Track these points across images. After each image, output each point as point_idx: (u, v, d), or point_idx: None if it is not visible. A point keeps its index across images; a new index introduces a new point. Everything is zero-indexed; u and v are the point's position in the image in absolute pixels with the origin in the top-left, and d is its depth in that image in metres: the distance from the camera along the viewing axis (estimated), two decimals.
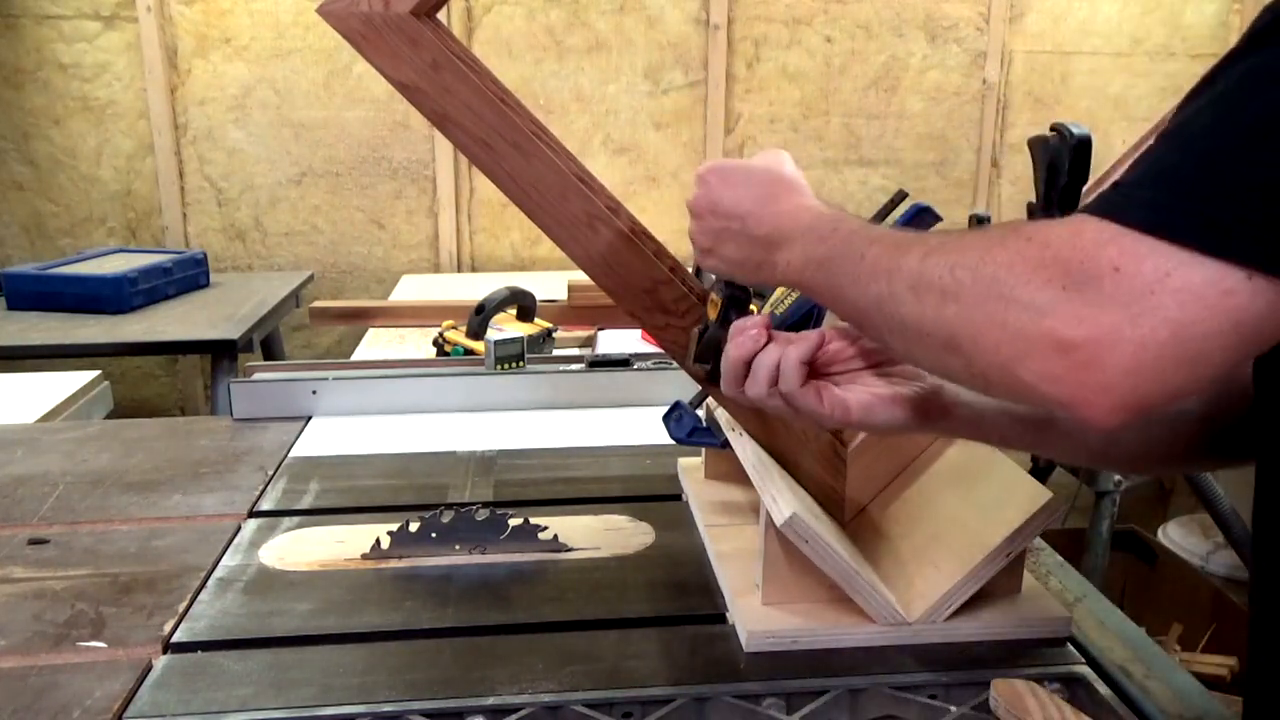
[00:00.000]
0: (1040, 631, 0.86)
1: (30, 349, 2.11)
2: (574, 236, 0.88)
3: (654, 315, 0.91)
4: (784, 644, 0.84)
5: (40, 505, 1.14)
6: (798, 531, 0.80)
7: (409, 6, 0.81)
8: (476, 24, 2.86)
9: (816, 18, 2.97)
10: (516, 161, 0.86)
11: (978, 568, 0.83)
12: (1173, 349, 0.51)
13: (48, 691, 0.79)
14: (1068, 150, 0.86)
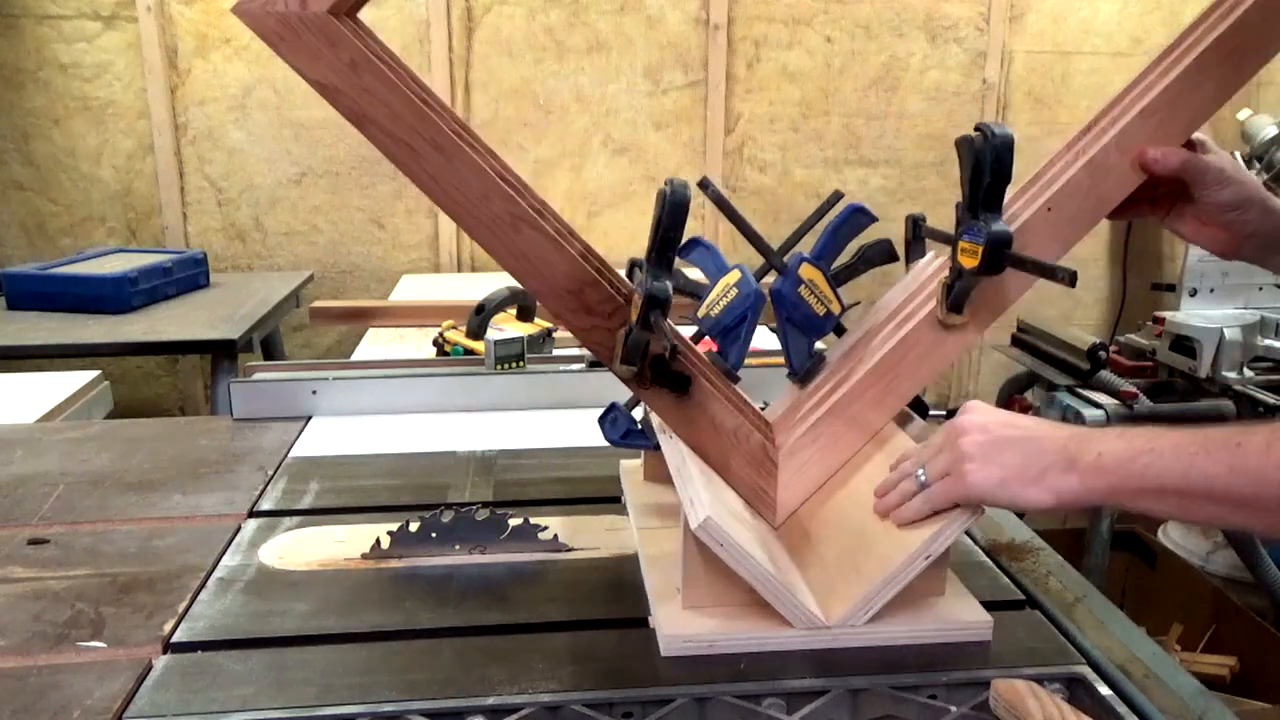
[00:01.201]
0: (961, 635, 0.85)
1: (30, 349, 2.11)
2: (497, 237, 0.88)
3: (579, 316, 0.91)
4: (700, 648, 0.83)
5: (40, 505, 1.14)
6: (712, 535, 0.80)
7: (326, 6, 0.80)
8: (476, 24, 2.86)
9: (816, 18, 2.97)
10: (438, 162, 0.85)
11: (896, 571, 0.82)
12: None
13: (48, 691, 0.79)
14: (990, 150, 0.85)
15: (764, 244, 0.98)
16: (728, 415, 0.94)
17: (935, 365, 0.95)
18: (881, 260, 1.00)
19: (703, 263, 1.02)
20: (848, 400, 0.95)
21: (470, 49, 2.87)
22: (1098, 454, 0.77)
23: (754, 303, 0.94)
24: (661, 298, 0.82)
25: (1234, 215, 0.94)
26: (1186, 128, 0.91)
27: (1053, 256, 0.92)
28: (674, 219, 0.83)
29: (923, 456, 0.86)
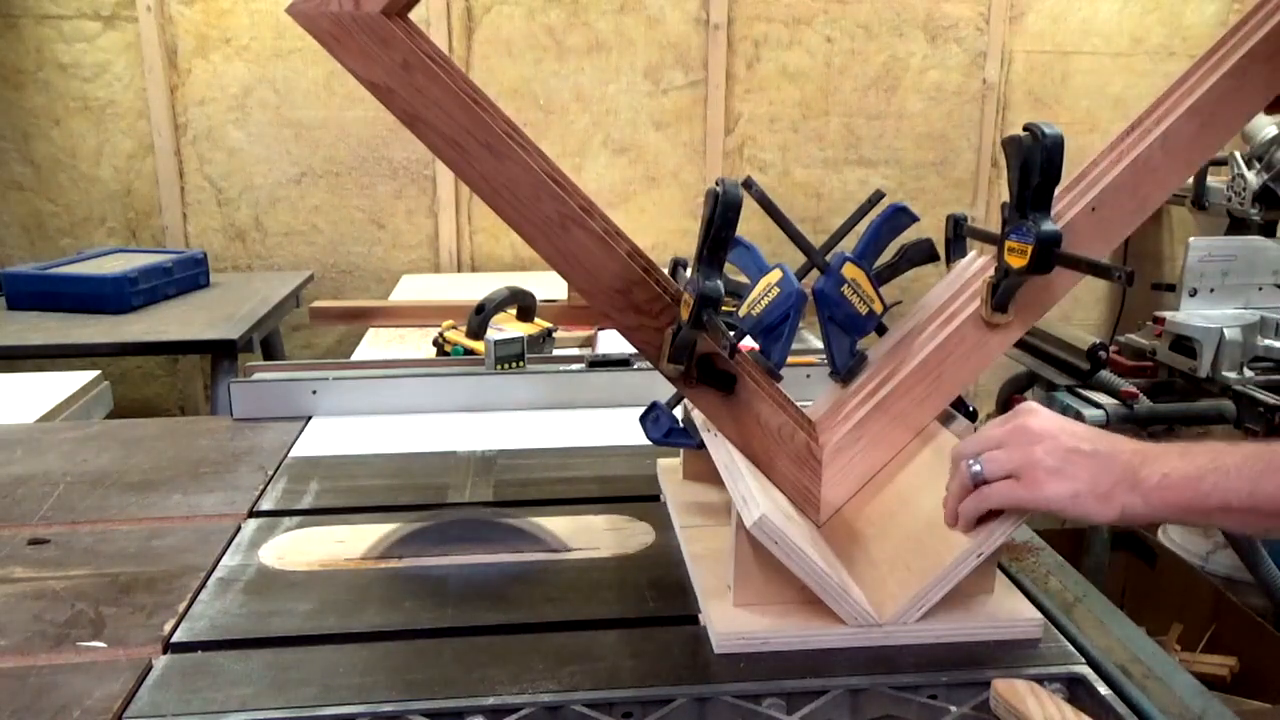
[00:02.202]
0: (1011, 633, 0.86)
1: (30, 349, 2.12)
2: (547, 237, 0.88)
3: (627, 315, 0.91)
4: (754, 645, 0.83)
5: (40, 505, 1.14)
6: (767, 533, 0.80)
7: (379, 6, 0.81)
8: (476, 24, 2.86)
9: (816, 18, 2.97)
10: (489, 162, 0.86)
11: (948, 569, 0.82)
12: None
13: (48, 691, 0.79)
14: (1040, 150, 0.85)
15: (807, 243, 0.98)
16: (772, 414, 0.95)
17: (979, 364, 0.96)
18: (923, 260, 1.01)
19: (743, 262, 1.02)
20: (892, 399, 0.96)
21: (470, 49, 2.87)
22: (1163, 474, 0.78)
23: (796, 302, 0.95)
24: (714, 296, 0.82)
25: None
26: (1231, 127, 0.92)
27: (1097, 254, 0.92)
28: (725, 219, 0.83)
29: (973, 449, 0.84)
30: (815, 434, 0.97)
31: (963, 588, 0.85)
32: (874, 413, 0.96)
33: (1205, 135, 0.91)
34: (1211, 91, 0.91)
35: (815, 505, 0.96)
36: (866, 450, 0.96)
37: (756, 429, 0.95)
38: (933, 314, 0.98)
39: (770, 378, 0.97)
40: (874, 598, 0.85)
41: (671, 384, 0.94)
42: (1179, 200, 3.04)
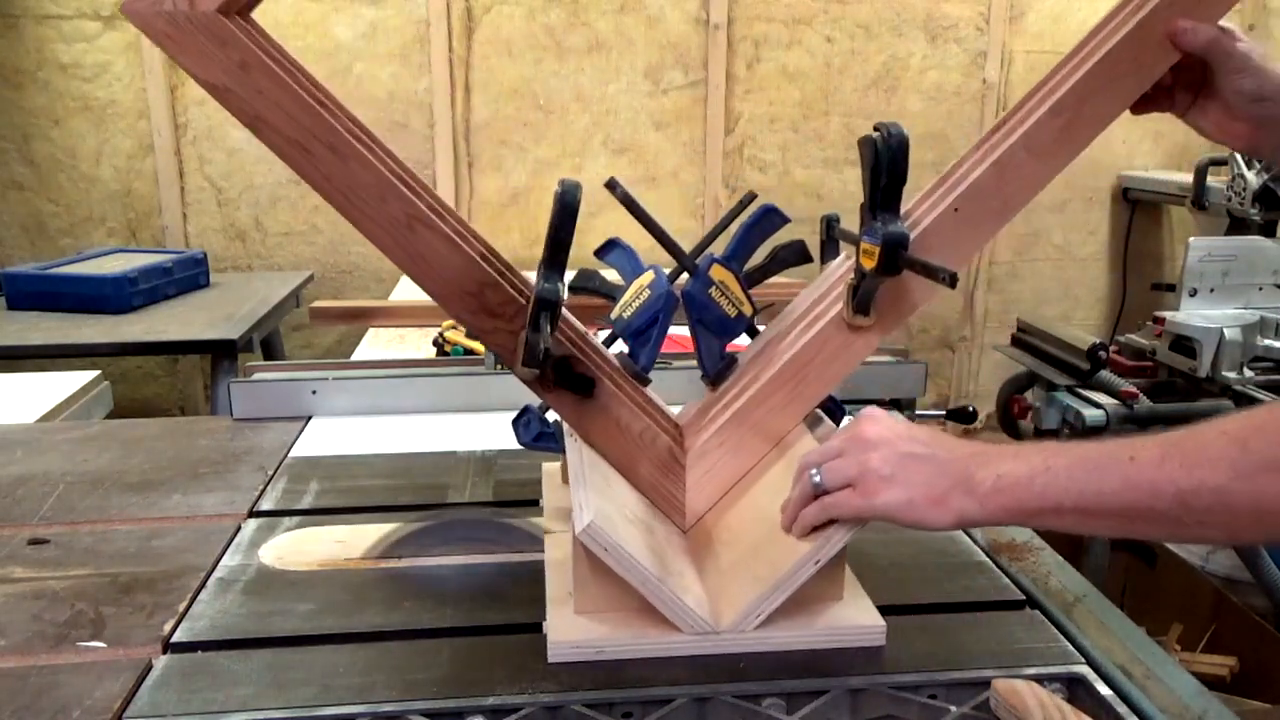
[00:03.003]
0: (852, 640, 0.85)
1: (30, 349, 2.12)
2: (394, 239, 0.86)
3: (481, 318, 0.89)
4: (589, 654, 0.82)
5: (40, 505, 1.14)
6: (596, 540, 0.79)
7: (215, 5, 0.79)
8: (476, 24, 2.86)
9: (816, 18, 2.97)
10: (332, 164, 0.84)
11: (784, 576, 0.82)
12: None
13: (48, 691, 0.79)
14: (887, 151, 0.85)
15: (674, 245, 0.96)
16: (634, 418, 0.93)
17: (843, 367, 0.94)
18: (795, 261, 0.99)
19: (620, 264, 1.00)
20: (755, 402, 0.94)
21: (470, 49, 2.87)
22: (996, 475, 0.76)
23: (665, 304, 0.93)
24: (552, 300, 0.81)
25: (1256, 108, 0.93)
26: (1095, 127, 0.90)
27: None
28: (563, 221, 0.82)
29: (816, 459, 0.84)
30: (681, 438, 0.95)
31: (810, 595, 0.85)
32: (737, 417, 0.94)
33: (1069, 135, 0.89)
34: (1073, 91, 0.89)
35: (680, 511, 0.94)
36: (731, 455, 0.94)
37: (617, 433, 0.93)
38: (798, 317, 0.96)
39: (637, 381, 0.95)
40: (717, 605, 0.84)
41: (529, 388, 0.92)
42: (1179, 200, 3.04)
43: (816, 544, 0.82)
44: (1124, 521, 0.73)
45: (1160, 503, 0.70)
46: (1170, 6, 0.87)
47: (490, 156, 2.94)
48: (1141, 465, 0.71)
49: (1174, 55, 0.89)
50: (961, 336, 3.28)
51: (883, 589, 0.96)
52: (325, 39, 2.79)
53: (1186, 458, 0.69)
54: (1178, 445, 0.71)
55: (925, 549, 1.03)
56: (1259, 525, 0.68)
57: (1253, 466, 0.66)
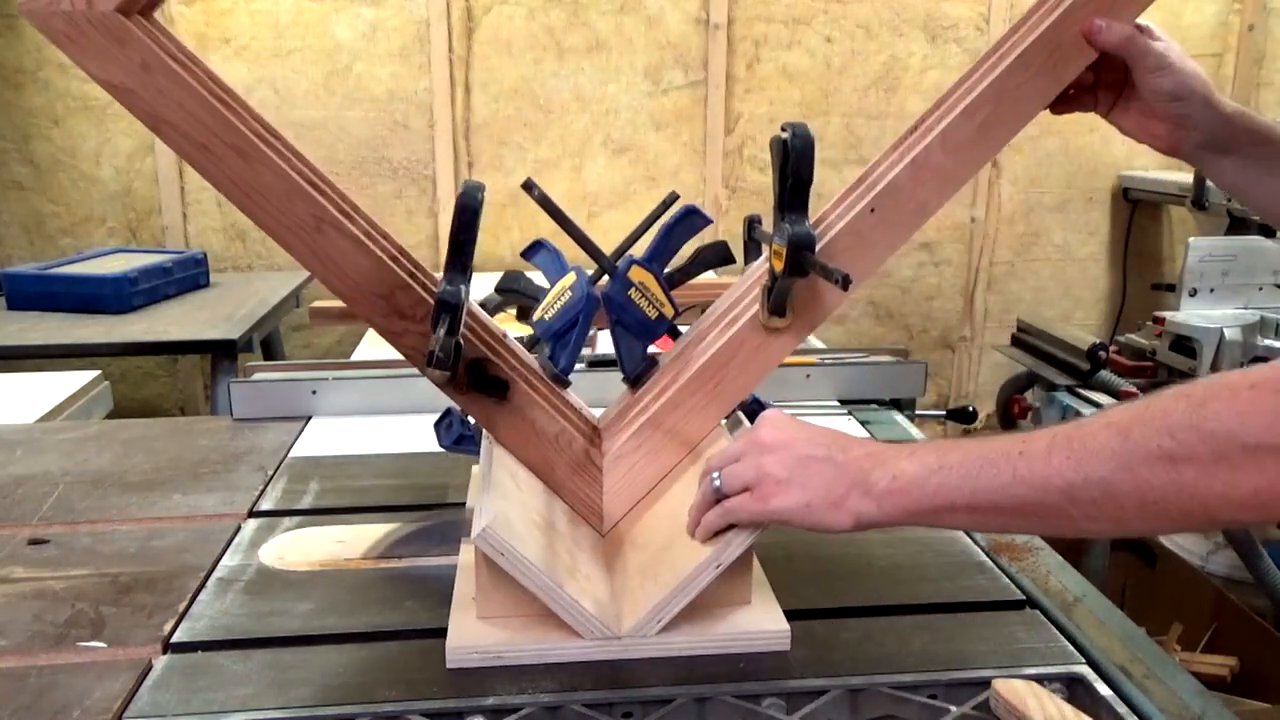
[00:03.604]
0: (756, 645, 0.84)
1: (30, 349, 2.12)
2: (301, 240, 0.85)
3: (391, 320, 0.88)
4: (488, 659, 0.82)
5: (40, 505, 1.14)
6: (491, 545, 0.78)
7: (114, 5, 0.78)
8: (476, 24, 2.86)
9: (816, 18, 2.97)
10: (237, 165, 0.83)
11: (685, 581, 0.81)
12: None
13: (48, 691, 0.79)
14: (791, 152, 0.84)
15: (593, 246, 0.96)
16: (549, 421, 0.92)
17: (760, 369, 0.93)
18: (718, 262, 0.98)
19: (546, 265, 1.00)
20: (672, 405, 0.93)
21: (470, 49, 2.87)
22: (892, 476, 0.76)
23: (585, 306, 0.92)
24: (452, 302, 0.80)
25: (1175, 107, 0.92)
26: (1011, 127, 0.89)
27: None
28: (463, 223, 0.81)
29: (717, 463, 0.84)
30: (599, 441, 0.94)
31: (717, 599, 0.85)
32: (654, 419, 0.93)
33: (985, 135, 0.89)
34: (988, 91, 0.88)
35: (598, 514, 0.94)
36: (648, 459, 0.94)
37: (533, 436, 0.92)
38: (717, 318, 0.96)
39: (556, 383, 0.95)
40: (623, 610, 0.84)
41: (442, 391, 0.91)
42: (1179, 200, 3.04)
43: (717, 548, 0.81)
44: (1017, 517, 0.72)
45: (1049, 497, 0.69)
46: (1086, 5, 0.86)
47: (490, 156, 2.94)
48: (1030, 460, 0.70)
49: (1090, 54, 0.88)
50: (961, 336, 3.28)
51: (883, 589, 0.96)
52: (325, 39, 2.79)
53: (1073, 450, 0.69)
54: (1065, 438, 0.70)
55: (925, 549, 1.03)
56: (1144, 516, 0.67)
57: (1135, 457, 0.66)
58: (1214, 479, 0.63)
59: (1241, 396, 0.63)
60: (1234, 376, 0.65)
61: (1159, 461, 0.65)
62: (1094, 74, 0.94)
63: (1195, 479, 0.64)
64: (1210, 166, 0.99)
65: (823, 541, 1.03)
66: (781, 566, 0.99)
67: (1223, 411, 0.63)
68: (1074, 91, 0.95)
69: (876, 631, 0.88)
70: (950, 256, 3.17)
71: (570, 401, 0.96)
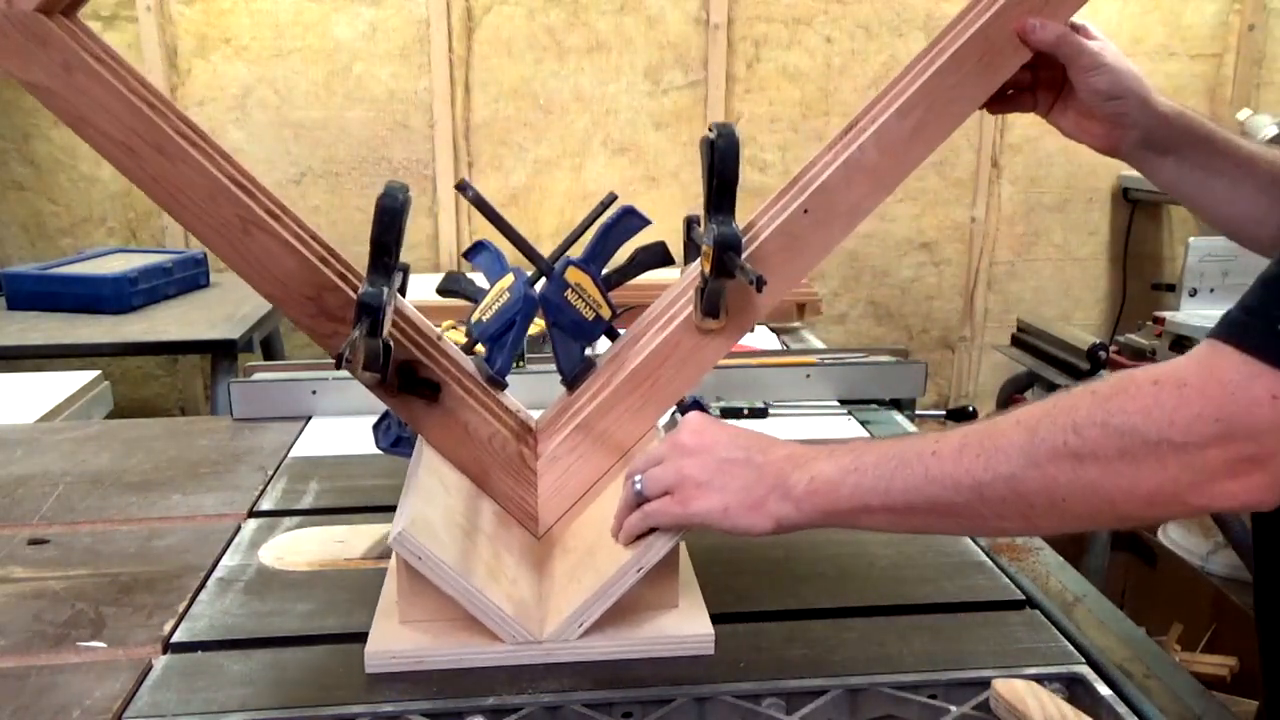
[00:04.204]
0: (679, 650, 0.83)
1: (30, 349, 2.11)
2: (227, 241, 0.85)
3: (320, 322, 0.87)
4: (407, 664, 0.81)
5: (40, 505, 1.14)
6: (408, 549, 0.78)
7: (34, 4, 0.78)
8: (476, 24, 2.86)
9: (816, 18, 2.97)
10: (161, 165, 0.83)
11: (606, 585, 0.81)
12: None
13: (47, 691, 0.79)
14: (716, 153, 0.83)
15: (529, 247, 0.96)
16: (482, 423, 0.92)
17: (695, 371, 0.92)
18: (655, 263, 0.97)
19: (486, 267, 0.99)
20: (606, 407, 0.93)
21: (470, 49, 2.87)
22: (810, 478, 0.76)
23: (523, 308, 0.92)
24: (373, 304, 0.79)
25: (1111, 106, 0.92)
26: (947, 125, 0.89)
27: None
28: (384, 224, 0.81)
29: (640, 466, 0.84)
30: (534, 444, 0.94)
31: (643, 603, 0.85)
32: (589, 422, 0.93)
33: (919, 135, 0.88)
34: (923, 90, 0.87)
35: (533, 517, 0.93)
36: (583, 461, 0.93)
37: (465, 438, 0.92)
38: (652, 320, 0.95)
39: (492, 385, 0.94)
40: (548, 614, 0.84)
41: (373, 393, 0.90)
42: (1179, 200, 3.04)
43: (638, 552, 0.81)
44: (931, 517, 0.72)
45: (960, 495, 0.69)
46: (1019, 4, 0.86)
47: (490, 156, 2.94)
48: (942, 459, 0.70)
49: (1025, 53, 0.87)
50: (961, 336, 3.28)
51: (883, 589, 0.96)
52: (325, 39, 2.79)
53: (983, 449, 0.69)
54: (977, 437, 0.70)
55: (926, 549, 1.03)
56: (1052, 513, 0.67)
57: (1042, 454, 0.66)
58: (1118, 475, 0.64)
59: (1145, 392, 0.63)
60: (1139, 373, 0.65)
61: (1065, 458, 0.65)
62: (1032, 74, 0.93)
63: (1100, 475, 0.64)
64: (1149, 167, 0.98)
65: (822, 541, 1.03)
66: (780, 567, 0.99)
67: (1127, 407, 0.63)
68: (1012, 91, 0.95)
69: (876, 631, 0.88)
70: (950, 256, 3.17)
71: (506, 404, 0.96)
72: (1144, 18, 3.08)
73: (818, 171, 0.90)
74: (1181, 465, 0.62)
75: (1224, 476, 0.62)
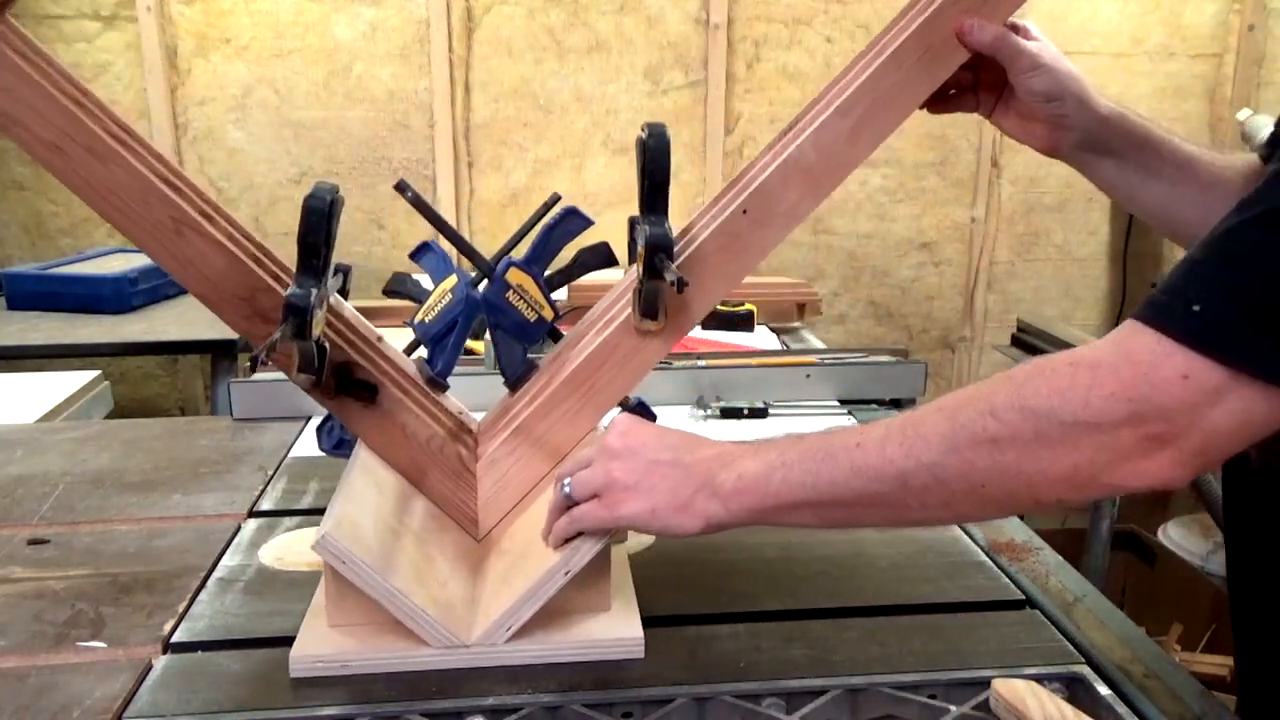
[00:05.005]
0: (608, 653, 0.83)
1: (30, 349, 2.11)
2: (159, 242, 0.84)
3: (255, 324, 0.86)
4: (332, 669, 0.81)
5: (40, 505, 1.14)
6: (330, 551, 0.78)
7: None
8: (476, 24, 2.86)
9: (816, 18, 2.97)
10: (92, 166, 0.82)
11: (533, 588, 0.81)
12: (1233, 433, 0.62)
13: (48, 691, 0.79)
14: (647, 153, 0.83)
15: (470, 249, 0.95)
16: (421, 425, 0.91)
17: (635, 373, 0.92)
18: (599, 264, 0.96)
19: (432, 268, 0.99)
20: (546, 409, 0.92)
21: (470, 49, 2.87)
22: (737, 476, 0.76)
23: (464, 309, 0.92)
24: (299, 306, 0.78)
25: (1050, 107, 0.92)
26: (886, 126, 0.88)
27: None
28: (310, 225, 0.80)
29: (569, 469, 0.84)
30: (474, 446, 0.93)
31: (572, 606, 0.84)
32: (528, 423, 0.92)
33: (858, 135, 0.88)
34: (861, 90, 0.87)
35: (473, 520, 0.93)
36: (522, 464, 0.92)
37: (403, 440, 0.91)
38: (593, 321, 0.95)
39: (434, 387, 0.94)
40: (478, 617, 0.83)
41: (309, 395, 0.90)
42: None
43: (565, 555, 0.81)
44: (858, 509, 0.72)
45: (884, 486, 0.70)
46: (956, 4, 0.85)
47: (490, 156, 2.94)
48: (866, 450, 0.70)
49: (963, 54, 0.87)
50: (961, 336, 3.28)
51: (883, 589, 0.96)
52: (325, 39, 2.79)
53: (905, 438, 0.69)
54: (900, 427, 0.70)
55: (926, 549, 1.03)
56: (973, 499, 0.68)
57: (962, 440, 0.66)
58: (1035, 458, 0.64)
59: (1060, 374, 0.64)
60: (1056, 356, 0.66)
61: (984, 443, 0.65)
62: (974, 75, 0.94)
63: (1018, 459, 0.65)
64: (1089, 168, 0.99)
65: (822, 541, 1.03)
66: (781, 567, 0.99)
67: (1042, 389, 0.64)
68: (954, 92, 0.95)
69: (876, 631, 0.88)
70: (950, 256, 3.17)
71: (446, 405, 0.95)
72: (1144, 18, 3.07)
73: (757, 172, 0.90)
74: (1095, 446, 0.63)
75: (1136, 456, 0.63)
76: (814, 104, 0.91)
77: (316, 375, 0.83)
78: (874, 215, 3.08)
